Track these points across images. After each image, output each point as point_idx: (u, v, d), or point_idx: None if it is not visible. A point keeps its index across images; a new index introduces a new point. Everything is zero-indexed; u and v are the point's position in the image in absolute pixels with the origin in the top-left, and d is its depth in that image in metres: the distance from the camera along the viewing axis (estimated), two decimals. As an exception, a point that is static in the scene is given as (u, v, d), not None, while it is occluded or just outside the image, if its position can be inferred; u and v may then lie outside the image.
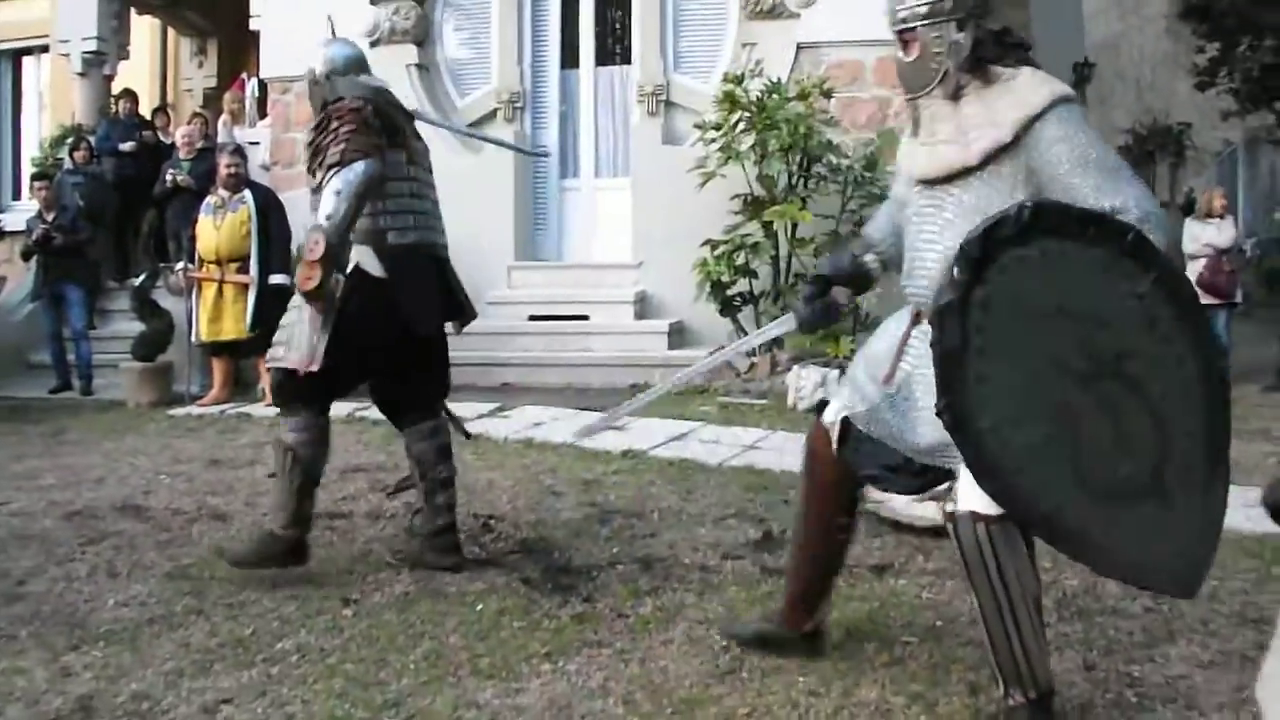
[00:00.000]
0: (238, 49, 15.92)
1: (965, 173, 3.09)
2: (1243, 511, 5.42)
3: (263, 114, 13.80)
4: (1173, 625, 3.99)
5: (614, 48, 11.59)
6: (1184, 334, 2.64)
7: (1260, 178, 22.38)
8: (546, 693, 3.50)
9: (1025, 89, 3.06)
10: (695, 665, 3.68)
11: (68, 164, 12.69)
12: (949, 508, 3.08)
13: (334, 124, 4.64)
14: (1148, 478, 2.76)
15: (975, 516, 2.98)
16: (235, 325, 9.12)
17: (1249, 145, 22.54)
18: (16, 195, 16.11)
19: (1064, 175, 2.95)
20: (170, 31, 16.68)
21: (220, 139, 12.61)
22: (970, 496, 2.97)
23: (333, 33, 5.47)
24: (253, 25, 12.75)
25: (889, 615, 4.09)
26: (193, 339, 9.48)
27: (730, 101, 9.51)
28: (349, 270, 4.56)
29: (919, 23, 3.13)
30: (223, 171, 9.36)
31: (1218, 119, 20.42)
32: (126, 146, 12.50)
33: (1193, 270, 10.59)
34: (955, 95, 3.14)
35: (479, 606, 4.26)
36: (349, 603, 4.33)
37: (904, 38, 3.18)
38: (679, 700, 3.42)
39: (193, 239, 9.40)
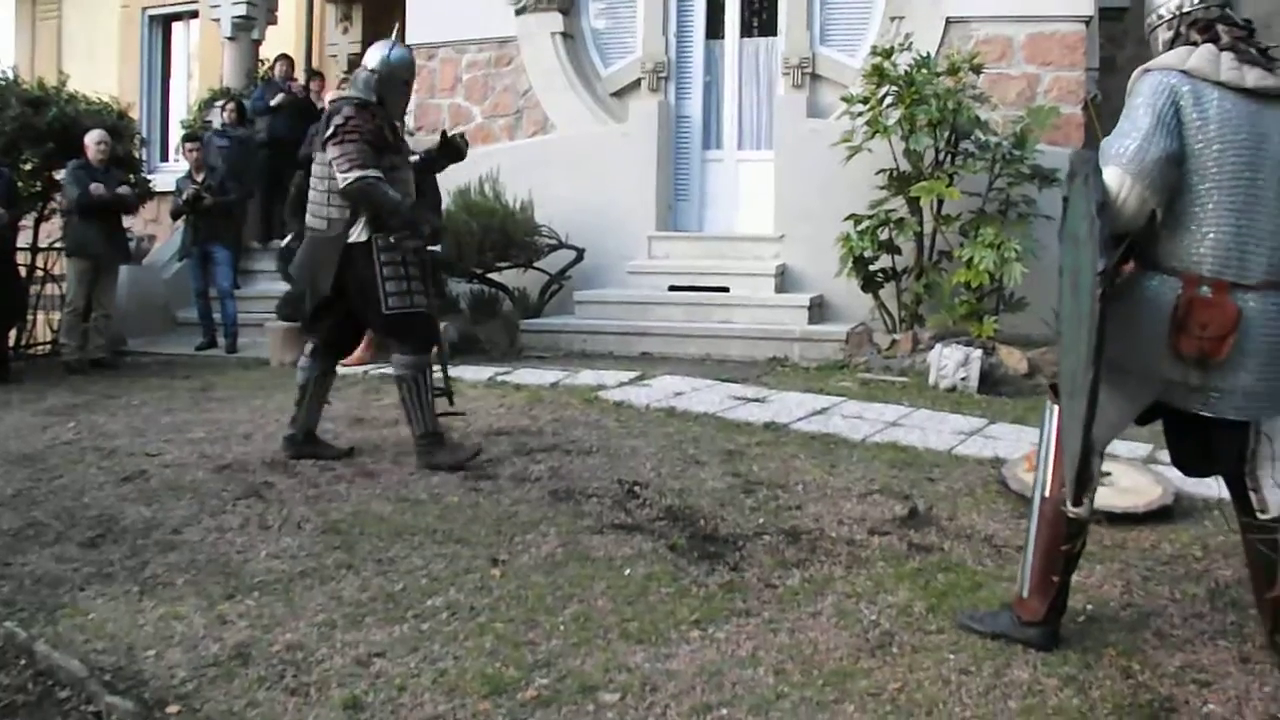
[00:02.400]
0: (382, 15, 16.15)
1: None
2: None
3: (407, 80, 14.02)
4: (1333, 620, 3.90)
5: (760, 19, 11.53)
6: (1090, 250, 3.06)
7: None
8: (697, 659, 3.55)
9: (1140, 69, 3.51)
10: (845, 638, 3.71)
11: (216, 123, 13.04)
12: None
13: None
14: (1074, 377, 3.25)
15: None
16: (381, 286, 9.26)
17: None
18: (165, 157, 16.60)
19: None
20: (316, -2, 17.02)
21: (365, 104, 12.84)
22: None
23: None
24: (399, -8, 12.97)
25: (1039, 598, 4.05)
26: (337, 300, 9.66)
27: (878, 75, 9.39)
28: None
29: (1149, 30, 3.63)
30: (375, 135, 9.54)
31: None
32: (275, 100, 12.84)
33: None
34: None
35: (627, 571, 4.33)
36: (497, 563, 4.43)
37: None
38: (829, 672, 3.45)
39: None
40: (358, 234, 5.81)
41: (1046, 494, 3.60)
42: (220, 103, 13.55)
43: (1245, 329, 3.26)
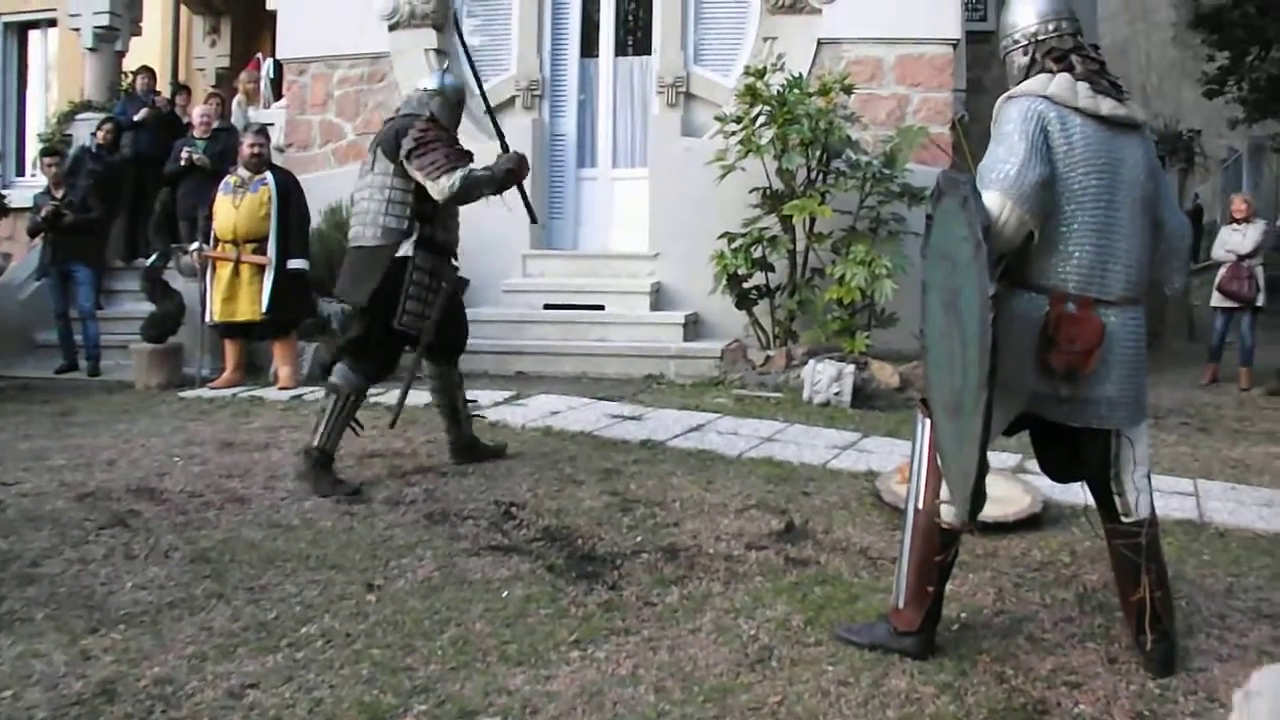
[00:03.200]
0: (252, 29, 15.92)
1: None
2: (1256, 510, 5.57)
3: (278, 95, 13.81)
4: (1191, 620, 4.04)
5: (634, 38, 11.58)
6: (975, 273, 3.07)
7: (1263, 185, 22.48)
8: (577, 679, 3.52)
9: (1004, 95, 3.62)
10: (724, 654, 3.71)
11: (86, 142, 12.61)
12: None
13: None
14: (958, 396, 3.26)
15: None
16: (250, 307, 9.08)
17: (1253, 153, 22.60)
18: (21, 171, 15.97)
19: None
20: (183, 9, 16.61)
21: (234, 119, 12.57)
22: None
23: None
24: (269, 5, 12.72)
25: (914, 608, 4.10)
26: (205, 320, 9.43)
27: (751, 95, 9.52)
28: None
29: (1004, 53, 3.75)
30: (246, 151, 9.31)
31: (1223, 126, 20.48)
32: (140, 116, 12.44)
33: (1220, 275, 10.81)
34: None
35: (504, 593, 4.27)
36: (372, 588, 4.33)
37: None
38: (710, 688, 3.45)
39: (209, 218, 9.35)
40: (405, 249, 5.83)
41: (920, 506, 3.66)
42: (89, 116, 13.11)
43: (1108, 343, 3.38)
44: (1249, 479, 6.33)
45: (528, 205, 6.54)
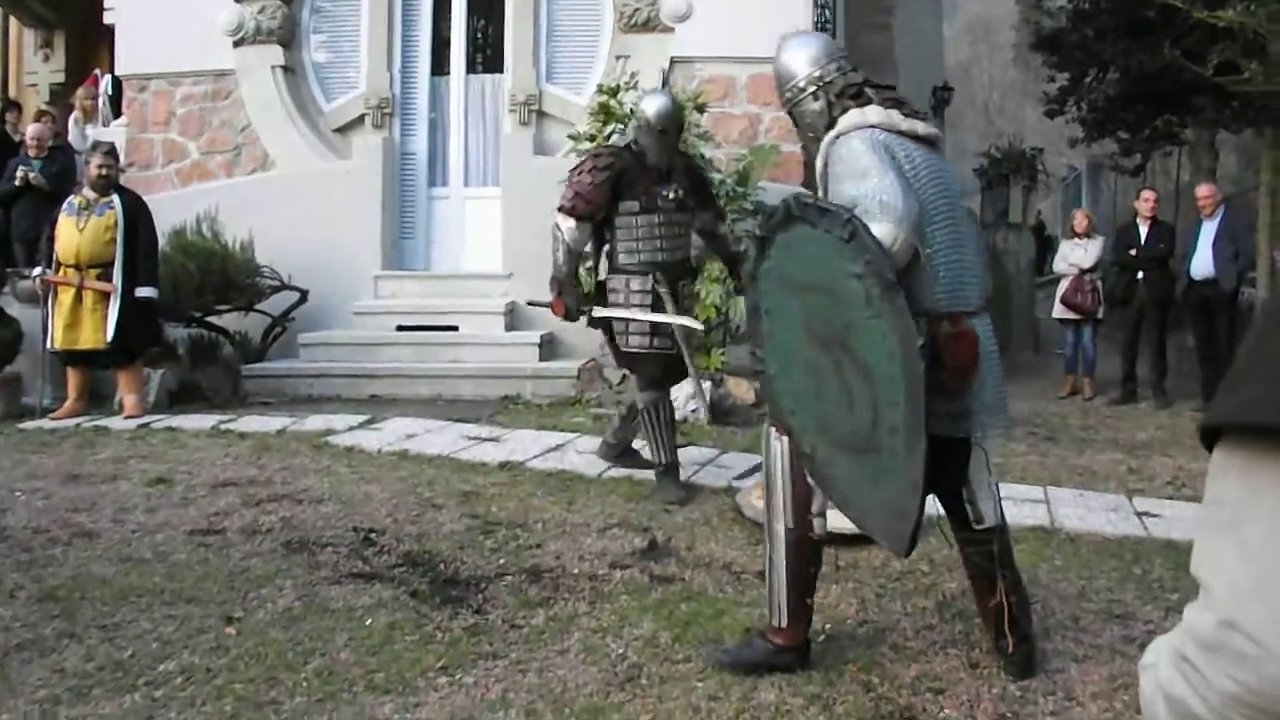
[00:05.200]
0: (88, 44, 15.35)
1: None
2: (1104, 515, 5.76)
3: (117, 113, 13.36)
4: (1047, 623, 4.16)
5: (485, 55, 11.54)
6: (886, 311, 3.04)
7: (1102, 201, 23.42)
8: (446, 706, 3.47)
9: (830, 134, 3.59)
10: (593, 674, 3.69)
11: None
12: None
13: None
14: (867, 435, 3.21)
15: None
16: (94, 334, 8.70)
17: (1092, 171, 23.53)
18: None
19: (834, 183, 3.49)
20: (13, 22, 15.98)
21: (70, 137, 12.11)
22: None
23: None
24: (106, 19, 12.32)
25: (779, 621, 4.13)
26: (46, 347, 9.05)
27: (605, 113, 9.54)
28: None
29: (790, 104, 3.78)
30: (94, 172, 8.89)
31: (1064, 145, 21.20)
32: None
33: (1062, 288, 11.23)
34: None
35: (368, 621, 4.19)
36: (231, 621, 4.21)
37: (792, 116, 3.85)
38: (580, 709, 3.43)
39: (50, 241, 8.97)
40: (602, 272, 6.44)
41: (791, 524, 3.66)
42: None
43: (981, 351, 3.45)
44: (1096, 485, 6.56)
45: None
